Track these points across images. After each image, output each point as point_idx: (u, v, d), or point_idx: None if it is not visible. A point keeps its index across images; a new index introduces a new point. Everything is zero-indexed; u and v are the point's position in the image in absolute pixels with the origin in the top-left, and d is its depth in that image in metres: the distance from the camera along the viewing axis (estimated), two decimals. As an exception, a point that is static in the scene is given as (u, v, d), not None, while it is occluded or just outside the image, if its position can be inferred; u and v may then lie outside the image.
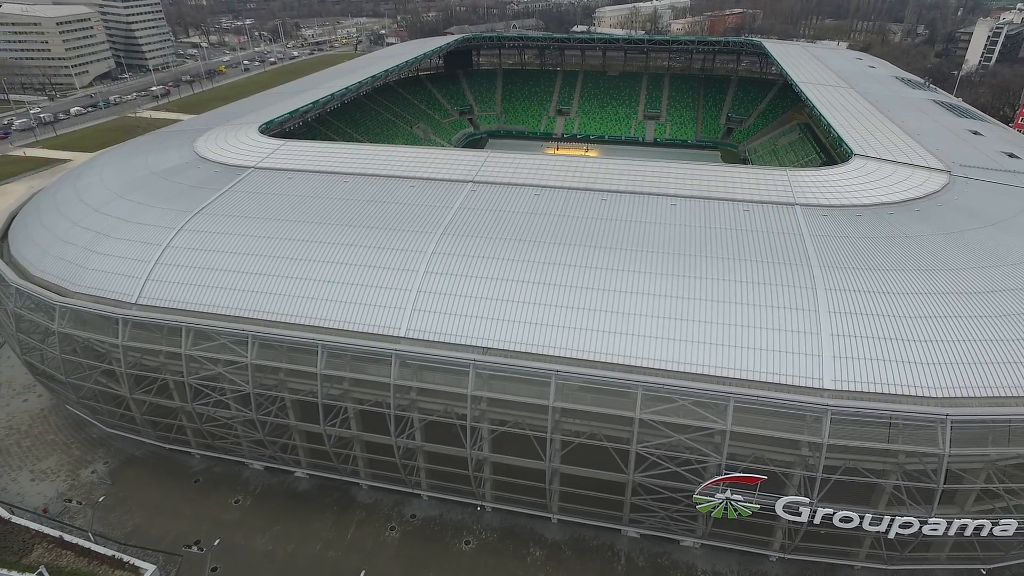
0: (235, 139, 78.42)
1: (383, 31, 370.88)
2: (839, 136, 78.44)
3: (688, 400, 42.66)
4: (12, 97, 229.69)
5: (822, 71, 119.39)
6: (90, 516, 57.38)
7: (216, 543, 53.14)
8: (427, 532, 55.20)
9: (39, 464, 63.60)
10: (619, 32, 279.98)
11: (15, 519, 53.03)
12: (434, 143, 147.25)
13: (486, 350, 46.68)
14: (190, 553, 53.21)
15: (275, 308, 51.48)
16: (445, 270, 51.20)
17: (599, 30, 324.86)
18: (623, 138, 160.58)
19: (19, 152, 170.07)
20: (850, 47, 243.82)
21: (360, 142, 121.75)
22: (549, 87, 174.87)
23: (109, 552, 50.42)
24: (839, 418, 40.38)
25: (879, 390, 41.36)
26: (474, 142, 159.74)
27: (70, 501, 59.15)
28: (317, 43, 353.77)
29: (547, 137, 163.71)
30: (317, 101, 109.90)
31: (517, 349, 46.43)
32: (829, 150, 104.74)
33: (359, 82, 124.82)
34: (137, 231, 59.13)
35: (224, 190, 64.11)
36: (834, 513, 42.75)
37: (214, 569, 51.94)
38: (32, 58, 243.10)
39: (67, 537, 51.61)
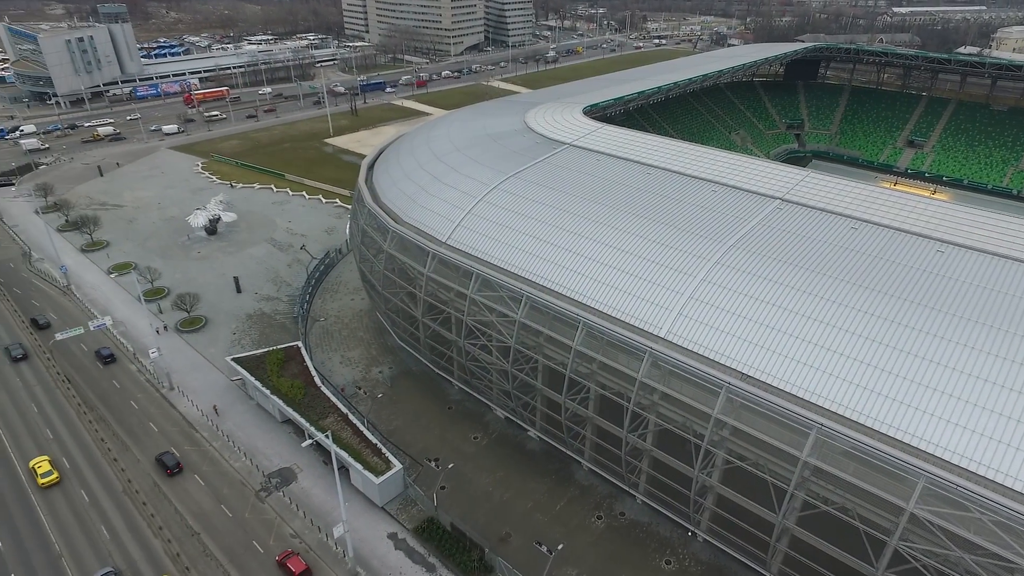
0: (560, 116, 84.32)
1: (728, 31, 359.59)
2: None
3: (989, 517, 34.06)
4: (406, 58, 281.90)
5: None
6: (369, 406, 69.26)
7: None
8: (631, 534, 54.38)
9: (348, 352, 78.63)
10: None
11: (323, 388, 66.50)
12: (750, 153, 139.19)
13: (745, 377, 43.31)
14: (429, 466, 60.85)
15: (548, 275, 54.71)
16: (724, 283, 48.48)
17: (996, 53, 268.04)
18: (989, 187, 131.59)
19: (398, 102, 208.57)
20: None
21: (673, 138, 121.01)
22: (905, 113, 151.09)
23: (374, 440, 60.27)
24: None
25: None
26: (795, 160, 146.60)
27: (359, 389, 72.11)
28: (659, 36, 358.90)
29: (885, 169, 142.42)
30: (643, 92, 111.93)
31: (779, 386, 42.10)
32: None
33: (689, 79, 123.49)
34: (462, 181, 67.86)
35: (539, 160, 69.66)
36: None
37: (443, 487, 58.61)
38: (427, 27, 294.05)
39: (351, 416, 63.03)
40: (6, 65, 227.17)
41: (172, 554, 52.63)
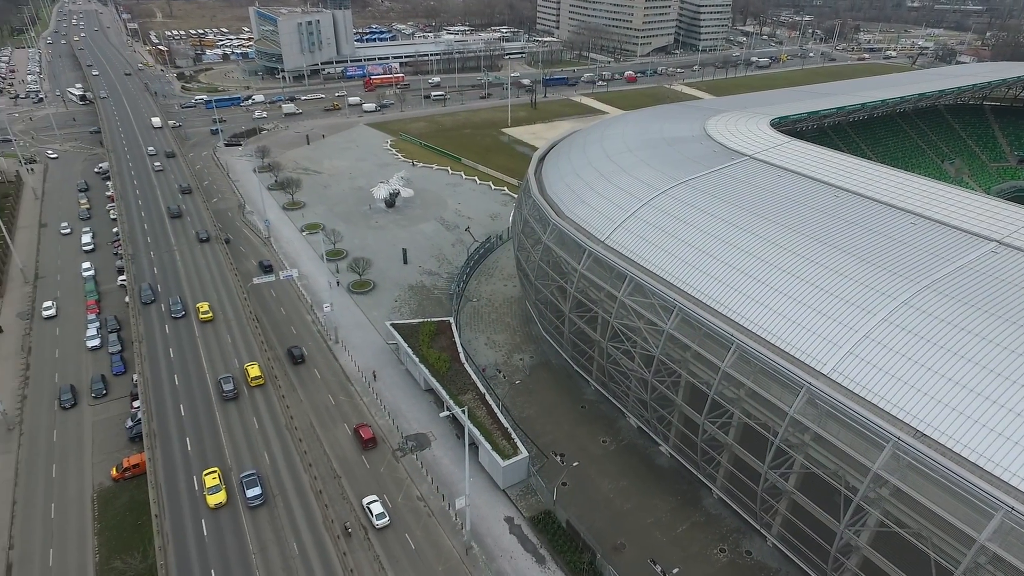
0: (744, 126, 79.75)
1: (958, 46, 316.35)
2: None
3: None
4: (591, 55, 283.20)
5: None
6: (506, 390, 71.12)
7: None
8: (756, 579, 50.64)
9: (493, 335, 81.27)
10: None
11: (466, 366, 69.38)
12: (966, 186, 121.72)
13: (919, 434, 38.18)
14: (554, 460, 61.17)
15: (705, 289, 52.10)
16: (910, 326, 42.97)
17: None
18: None
19: (577, 98, 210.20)
20: None
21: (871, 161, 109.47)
22: None
23: (506, 424, 61.76)
24: None
25: None
26: (1022, 199, 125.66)
27: (499, 372, 74.28)
28: (871, 49, 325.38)
29: None
30: (843, 108, 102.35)
31: (962, 452, 36.57)
32: None
33: (901, 97, 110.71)
34: (630, 183, 66.83)
35: (714, 169, 66.52)
36: None
37: (564, 484, 58.65)
38: (616, 26, 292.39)
39: (488, 397, 65.12)
40: (251, 43, 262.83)
41: (305, 463, 58.31)
